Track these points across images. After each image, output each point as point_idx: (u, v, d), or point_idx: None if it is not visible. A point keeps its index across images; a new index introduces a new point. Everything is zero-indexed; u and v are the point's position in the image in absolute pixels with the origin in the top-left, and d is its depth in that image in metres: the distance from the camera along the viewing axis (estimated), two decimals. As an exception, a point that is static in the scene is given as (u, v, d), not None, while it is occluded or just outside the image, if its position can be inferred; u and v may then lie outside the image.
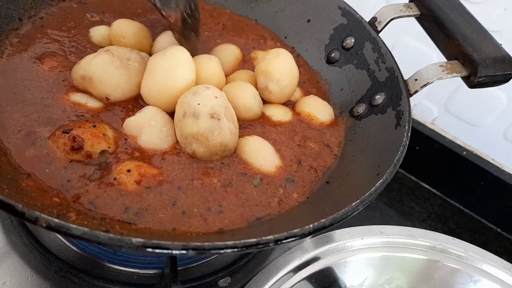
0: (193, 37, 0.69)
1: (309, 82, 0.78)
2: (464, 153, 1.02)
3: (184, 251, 0.40)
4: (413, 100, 0.64)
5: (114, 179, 0.53)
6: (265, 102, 0.69)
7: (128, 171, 0.54)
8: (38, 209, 0.40)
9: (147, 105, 0.61)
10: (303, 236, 0.45)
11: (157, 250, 0.40)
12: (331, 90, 0.76)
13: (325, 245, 0.71)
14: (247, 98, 0.65)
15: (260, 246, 0.43)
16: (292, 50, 0.82)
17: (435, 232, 0.76)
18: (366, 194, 0.50)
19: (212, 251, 0.42)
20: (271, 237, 0.43)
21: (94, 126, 0.56)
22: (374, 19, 0.73)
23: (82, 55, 0.65)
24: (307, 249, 0.70)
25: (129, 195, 0.52)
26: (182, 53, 0.61)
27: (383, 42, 0.71)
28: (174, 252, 0.40)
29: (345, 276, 0.72)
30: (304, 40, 0.82)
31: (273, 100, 0.69)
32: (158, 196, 0.53)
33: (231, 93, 0.64)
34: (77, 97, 0.61)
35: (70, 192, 0.51)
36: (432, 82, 0.62)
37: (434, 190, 1.08)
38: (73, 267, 0.66)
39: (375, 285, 0.75)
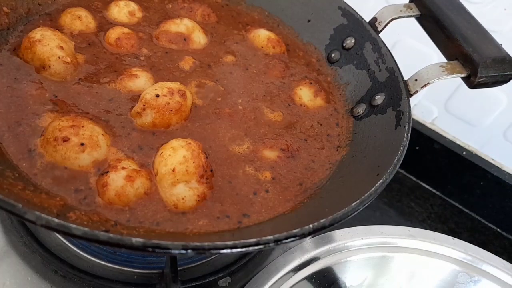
0: None
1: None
2: (464, 153, 1.02)
3: (184, 251, 0.40)
4: (413, 100, 0.64)
5: None
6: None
7: None
8: (38, 209, 0.40)
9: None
10: (303, 236, 0.45)
11: (157, 250, 0.40)
12: (332, 90, 0.76)
13: (325, 245, 0.71)
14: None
15: (260, 246, 0.43)
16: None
17: (435, 232, 0.76)
18: (366, 194, 0.50)
19: (212, 251, 0.42)
20: (271, 237, 0.43)
21: None
22: (374, 19, 0.73)
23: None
24: (307, 249, 0.70)
25: None
26: None
27: (383, 43, 0.71)
28: (174, 252, 0.40)
29: (345, 276, 0.72)
30: (304, 40, 0.82)
31: None
32: None
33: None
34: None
35: None
36: (432, 82, 0.62)
37: (434, 190, 1.08)
38: (73, 267, 0.66)
39: (375, 285, 0.75)
